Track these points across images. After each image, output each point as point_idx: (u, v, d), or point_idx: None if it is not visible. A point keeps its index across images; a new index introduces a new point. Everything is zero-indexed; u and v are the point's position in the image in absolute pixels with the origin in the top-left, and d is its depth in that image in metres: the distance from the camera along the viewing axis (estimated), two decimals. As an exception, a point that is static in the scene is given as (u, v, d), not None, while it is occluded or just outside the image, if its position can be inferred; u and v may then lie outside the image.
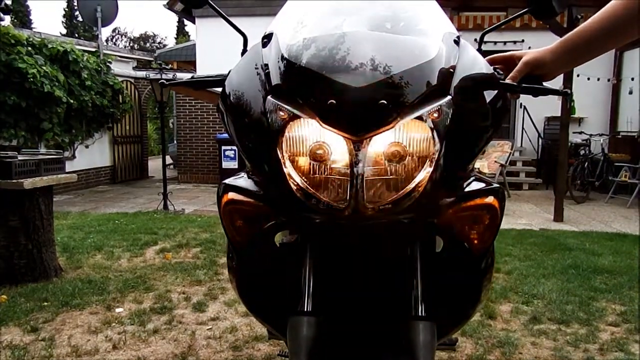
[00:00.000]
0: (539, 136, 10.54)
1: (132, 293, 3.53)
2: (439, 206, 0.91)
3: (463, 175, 0.93)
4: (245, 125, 0.93)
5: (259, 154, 0.90)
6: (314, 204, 0.86)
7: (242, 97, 0.96)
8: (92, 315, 3.12)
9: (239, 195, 0.98)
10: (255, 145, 0.91)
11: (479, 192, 0.94)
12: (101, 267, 4.12)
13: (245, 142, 0.93)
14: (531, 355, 2.65)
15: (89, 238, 5.08)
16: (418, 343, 0.93)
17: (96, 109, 8.76)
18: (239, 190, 0.99)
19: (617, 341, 2.84)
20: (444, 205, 0.91)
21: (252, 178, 0.99)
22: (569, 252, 4.85)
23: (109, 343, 2.72)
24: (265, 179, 0.91)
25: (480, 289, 1.00)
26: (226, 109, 0.98)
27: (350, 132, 0.83)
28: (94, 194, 8.69)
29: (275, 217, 0.96)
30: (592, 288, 3.74)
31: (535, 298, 3.54)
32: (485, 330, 2.95)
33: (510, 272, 4.15)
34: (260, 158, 0.90)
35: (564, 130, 6.73)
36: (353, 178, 0.83)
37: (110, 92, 9.13)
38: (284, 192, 0.88)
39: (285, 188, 0.87)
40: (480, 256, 0.96)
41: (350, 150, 0.84)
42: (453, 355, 2.61)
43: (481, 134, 0.94)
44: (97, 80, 8.76)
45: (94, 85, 8.57)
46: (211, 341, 2.80)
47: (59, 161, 3.69)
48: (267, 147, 0.88)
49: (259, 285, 1.10)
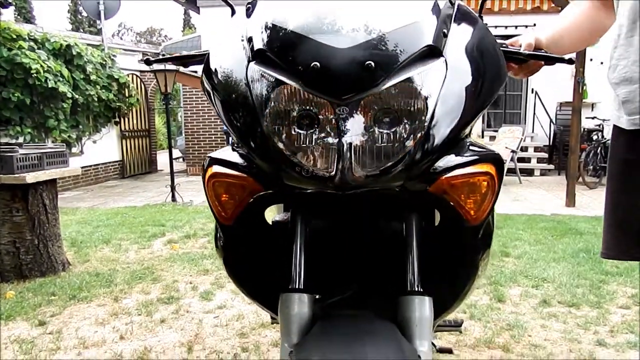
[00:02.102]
0: (551, 122, 10.42)
1: (140, 284, 3.53)
2: (432, 174, 0.87)
3: (457, 142, 0.89)
4: (229, 98, 0.90)
5: (244, 125, 0.87)
6: (301, 173, 0.82)
7: (225, 69, 0.92)
8: (100, 307, 3.12)
9: (223, 168, 0.95)
10: (241, 117, 0.88)
11: (475, 160, 0.90)
12: (109, 260, 4.13)
13: (231, 116, 0.90)
14: (540, 338, 2.61)
15: (97, 232, 5.10)
16: (414, 318, 0.90)
17: (102, 103, 8.73)
18: (223, 164, 0.96)
19: (628, 323, 2.80)
20: (437, 172, 0.87)
21: (237, 151, 0.96)
22: (580, 236, 4.79)
23: (116, 334, 2.72)
24: (250, 151, 0.88)
25: (477, 261, 0.97)
26: (210, 83, 0.95)
27: (335, 95, 0.80)
28: (103, 190, 8.72)
29: (262, 190, 0.93)
30: (603, 271, 3.69)
31: (546, 281, 3.50)
32: (494, 314, 2.92)
33: (520, 257, 4.11)
34: (246, 130, 0.87)
35: (575, 115, 6.63)
36: (340, 145, 0.80)
37: (116, 86, 9.10)
38: (270, 163, 0.85)
39: (271, 159, 0.85)
40: (477, 227, 0.92)
41: (337, 116, 0.81)
42: (461, 339, 2.58)
43: (476, 100, 0.90)
44: (102, 75, 8.72)
45: (99, 80, 8.54)
46: (218, 329, 2.79)
47: (62, 154, 3.68)
48: (252, 117, 0.85)
49: (249, 262, 1.07)
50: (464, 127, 0.88)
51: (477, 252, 0.97)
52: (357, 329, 0.88)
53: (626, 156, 1.32)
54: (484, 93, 0.92)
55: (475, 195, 0.90)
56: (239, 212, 0.97)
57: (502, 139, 9.18)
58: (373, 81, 0.80)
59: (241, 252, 1.06)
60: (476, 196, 0.90)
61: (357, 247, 1.08)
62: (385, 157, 0.81)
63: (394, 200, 0.96)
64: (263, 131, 0.83)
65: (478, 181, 0.89)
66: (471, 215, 0.91)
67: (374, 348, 0.80)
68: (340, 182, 0.81)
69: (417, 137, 0.81)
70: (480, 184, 0.89)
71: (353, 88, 0.80)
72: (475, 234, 0.94)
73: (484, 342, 2.55)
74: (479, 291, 3.32)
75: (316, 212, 1.01)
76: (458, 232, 0.94)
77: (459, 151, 0.90)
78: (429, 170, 0.86)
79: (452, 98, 0.85)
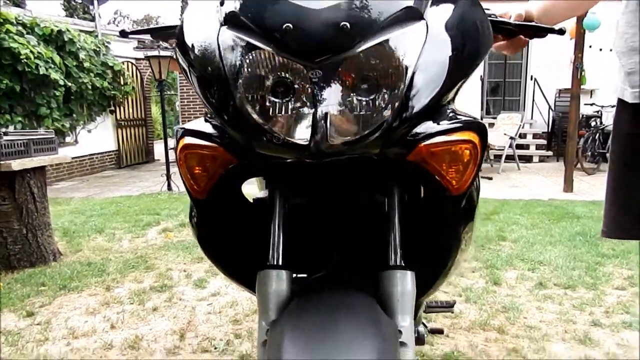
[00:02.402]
0: (550, 109, 10.38)
1: (133, 273, 3.50)
2: (410, 141, 0.83)
3: (438, 109, 0.85)
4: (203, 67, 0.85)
5: (218, 95, 0.83)
6: (273, 141, 0.78)
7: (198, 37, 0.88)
8: (91, 297, 3.09)
9: (195, 139, 0.91)
10: (214, 86, 0.83)
11: (456, 127, 0.85)
12: (102, 250, 4.09)
13: (204, 86, 0.86)
14: (536, 320, 2.58)
15: (90, 221, 5.06)
16: (396, 293, 0.86)
17: (96, 91, 8.57)
18: (196, 134, 0.91)
19: (624, 304, 2.78)
20: (415, 139, 0.83)
21: (210, 122, 0.92)
22: (577, 220, 4.77)
23: (107, 323, 2.69)
24: (224, 122, 0.84)
25: (459, 233, 0.93)
26: (182, 54, 0.90)
27: (308, 58, 0.76)
28: (99, 180, 8.68)
29: (235, 162, 0.89)
30: (599, 254, 3.67)
31: (542, 264, 3.48)
32: (489, 297, 2.90)
33: (516, 240, 4.09)
34: (219, 100, 0.83)
35: (574, 101, 6.62)
36: (316, 114, 0.76)
37: (110, 73, 8.93)
38: (242, 132, 0.81)
39: (243, 128, 0.80)
40: (459, 197, 0.88)
41: (312, 83, 0.77)
42: (456, 321, 2.56)
43: (458, 67, 0.85)
44: (96, 62, 8.56)
45: (92, 67, 8.38)
46: (211, 316, 2.76)
47: (51, 141, 3.61)
48: (225, 86, 0.81)
49: (224, 238, 1.03)
50: (445, 93, 0.84)
51: (460, 223, 0.92)
52: (334, 305, 0.84)
53: (630, 131, 1.27)
54: (467, 60, 0.88)
55: (457, 164, 0.85)
56: (212, 185, 0.92)
57: (500, 126, 9.15)
58: (348, 43, 0.76)
59: (215, 228, 1.02)
60: (458, 165, 0.85)
61: (338, 222, 1.04)
62: (362, 125, 0.77)
63: (375, 173, 0.92)
64: (236, 101, 0.79)
65: (460, 149, 0.85)
66: (453, 185, 0.86)
67: (349, 324, 0.77)
68: (316, 150, 0.77)
69: (396, 104, 0.77)
70: (462, 153, 0.85)
71: (327, 50, 0.76)
72: (457, 205, 0.90)
73: (479, 325, 2.52)
74: (474, 275, 3.29)
75: (295, 187, 0.98)
76: (439, 203, 0.90)
77: (440, 118, 0.85)
78: (407, 136, 0.82)
79: (432, 63, 0.81)
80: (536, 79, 10.36)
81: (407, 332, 0.85)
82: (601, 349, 2.26)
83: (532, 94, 10.66)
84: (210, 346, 2.40)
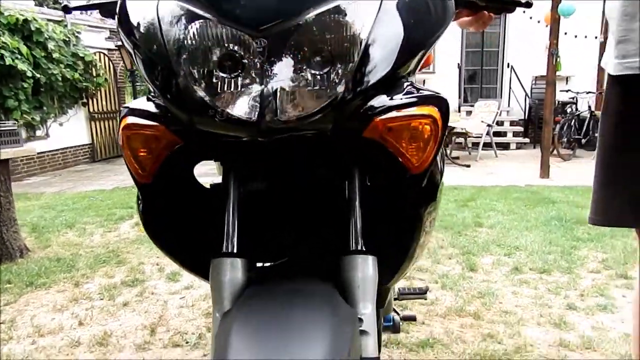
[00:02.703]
0: (526, 96, 10.44)
1: (103, 268, 3.41)
2: (365, 115, 0.77)
3: (394, 82, 0.80)
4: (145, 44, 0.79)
5: (162, 74, 0.76)
6: (220, 119, 0.73)
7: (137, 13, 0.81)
8: (59, 293, 3.00)
9: (139, 119, 0.84)
10: (158, 65, 0.77)
11: (414, 102, 0.80)
12: (71, 245, 3.99)
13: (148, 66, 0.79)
14: (511, 305, 2.57)
15: (60, 216, 4.93)
16: (356, 279, 0.81)
17: (67, 83, 8.31)
18: (138, 113, 0.85)
19: (598, 287, 2.78)
20: (371, 114, 0.77)
21: (154, 101, 0.85)
22: (552, 205, 4.79)
23: (75, 320, 2.61)
24: (166, 99, 0.77)
25: (421, 214, 0.87)
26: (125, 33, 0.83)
27: (251, 26, 0.70)
28: (72, 174, 8.49)
29: (179, 142, 0.83)
30: (574, 238, 3.69)
31: (518, 249, 3.48)
32: (465, 283, 2.88)
33: (493, 226, 4.09)
34: (163, 78, 0.76)
35: (550, 87, 6.67)
36: (266, 87, 0.71)
37: (81, 64, 8.65)
38: (185, 110, 0.75)
39: (187, 106, 0.74)
40: (420, 176, 0.83)
41: (261, 55, 0.71)
42: (432, 308, 2.53)
43: (415, 37, 0.80)
44: (66, 53, 8.29)
45: (62, 58, 8.12)
46: (183, 310, 2.69)
47: (14, 133, 3.48)
48: (168, 62, 0.75)
49: (173, 225, 0.97)
50: (401, 66, 0.79)
51: (421, 204, 0.87)
52: (289, 293, 0.79)
53: (620, 109, 1.21)
54: (423, 31, 0.82)
55: (417, 141, 0.80)
56: (158, 168, 0.86)
57: (478, 114, 9.17)
58: (294, 9, 0.70)
59: (164, 215, 0.95)
60: (418, 142, 0.80)
61: (298, 207, 0.98)
62: (315, 101, 0.72)
63: (334, 154, 0.86)
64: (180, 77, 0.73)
65: (419, 125, 0.79)
66: (413, 164, 0.81)
67: (303, 313, 0.71)
68: (265, 127, 0.72)
69: (350, 77, 0.72)
70: (422, 128, 0.80)
71: (272, 17, 0.70)
72: (418, 184, 0.84)
73: (454, 311, 2.50)
74: (450, 261, 3.27)
75: (251, 169, 0.92)
76: (399, 183, 0.85)
77: (397, 92, 0.80)
78: (362, 110, 0.77)
79: (386, 33, 0.76)
80: (513, 67, 10.40)
81: (368, 319, 0.80)
82: (576, 332, 2.25)
83: (508, 82, 10.71)
84: (181, 340, 2.33)
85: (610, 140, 1.24)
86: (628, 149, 1.20)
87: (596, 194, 1.30)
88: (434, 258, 3.32)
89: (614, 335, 2.21)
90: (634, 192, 1.21)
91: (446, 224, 4.15)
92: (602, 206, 1.28)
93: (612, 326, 2.31)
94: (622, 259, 3.19)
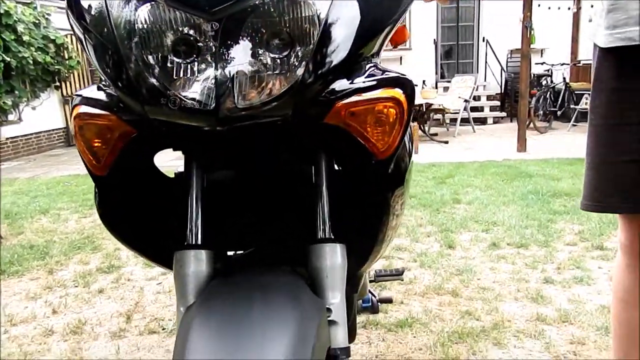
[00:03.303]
0: (502, 69, 10.46)
1: (78, 255, 3.35)
2: (326, 100, 0.74)
3: (355, 64, 0.76)
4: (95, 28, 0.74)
5: (113, 60, 0.72)
6: (172, 108, 0.69)
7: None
8: (32, 281, 2.94)
9: (92, 108, 0.80)
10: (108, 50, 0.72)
11: (377, 84, 0.77)
12: (45, 231, 3.91)
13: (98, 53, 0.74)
14: (489, 281, 2.58)
15: (34, 202, 4.84)
16: (325, 268, 0.79)
17: (39, 66, 8.07)
18: (93, 103, 0.80)
19: (574, 259, 2.81)
20: (332, 98, 0.74)
21: (104, 90, 0.81)
22: (529, 179, 4.83)
23: (49, 308, 2.55)
24: (117, 87, 0.73)
25: (388, 200, 0.85)
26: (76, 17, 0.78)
27: (203, 9, 0.66)
28: (47, 159, 8.34)
29: (134, 132, 0.79)
30: (551, 211, 3.72)
31: (495, 225, 3.49)
32: (444, 260, 2.89)
33: (471, 202, 4.11)
34: (114, 65, 0.72)
35: (524, 60, 6.69)
36: (223, 73, 0.68)
37: (53, 47, 8.43)
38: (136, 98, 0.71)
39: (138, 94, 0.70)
40: (386, 161, 0.80)
41: (217, 38, 0.68)
42: (410, 287, 2.53)
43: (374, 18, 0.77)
44: (37, 35, 8.04)
45: (33, 41, 7.87)
46: (160, 296, 2.66)
47: (-20, 119, 3.38)
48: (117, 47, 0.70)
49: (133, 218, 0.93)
50: (362, 47, 0.75)
51: (388, 189, 0.84)
52: (254, 285, 0.76)
53: (613, 85, 1.14)
54: (385, 8, 0.79)
55: (382, 126, 0.77)
56: (114, 160, 0.82)
57: (455, 89, 9.16)
58: None
59: (121, 206, 0.91)
60: (383, 126, 0.77)
61: (265, 195, 0.95)
62: (274, 85, 0.69)
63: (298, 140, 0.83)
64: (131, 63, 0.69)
65: (383, 108, 0.76)
66: (378, 149, 0.78)
67: (267, 304, 0.69)
68: (223, 116, 0.69)
69: (309, 60, 0.69)
70: (387, 112, 0.77)
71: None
72: (385, 170, 0.81)
73: (433, 289, 2.50)
74: (429, 239, 3.28)
75: (214, 158, 0.88)
76: (365, 169, 0.82)
77: (359, 75, 0.77)
78: (323, 95, 0.73)
79: (346, 11, 0.73)
80: (488, 41, 10.40)
81: (337, 309, 0.78)
82: (553, 306, 2.27)
83: (484, 56, 10.71)
84: (158, 327, 2.30)
85: (601, 118, 1.18)
86: (619, 129, 1.14)
87: (587, 176, 1.24)
88: (413, 237, 3.32)
89: (590, 307, 2.24)
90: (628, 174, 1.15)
91: (425, 201, 4.16)
92: (593, 190, 1.22)
93: (589, 298, 2.33)
94: (598, 230, 3.23)
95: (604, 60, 1.17)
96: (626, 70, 1.12)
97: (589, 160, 1.24)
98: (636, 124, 1.12)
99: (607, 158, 1.19)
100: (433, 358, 1.89)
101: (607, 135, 1.18)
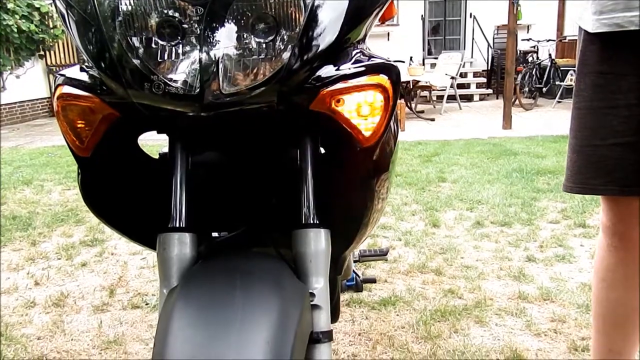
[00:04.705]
0: (489, 46, 10.43)
1: (62, 227, 3.32)
2: (311, 87, 0.73)
3: (341, 50, 0.75)
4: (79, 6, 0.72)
5: (95, 40, 0.70)
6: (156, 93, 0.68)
7: None
8: (15, 252, 2.92)
9: (75, 89, 0.78)
10: (91, 30, 0.71)
11: (363, 70, 0.76)
12: (29, 202, 3.87)
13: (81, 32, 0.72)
14: (472, 259, 2.61)
15: (17, 173, 4.78)
16: (309, 253, 0.79)
17: (23, 35, 7.95)
18: (76, 84, 0.78)
19: (557, 237, 2.85)
20: (317, 86, 0.73)
21: (87, 71, 0.79)
22: (514, 157, 4.86)
23: (31, 280, 2.54)
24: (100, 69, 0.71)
25: (373, 186, 0.84)
26: None
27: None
28: (30, 128, 8.22)
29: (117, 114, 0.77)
30: (534, 189, 3.76)
31: (480, 203, 3.52)
32: (428, 239, 2.91)
33: (456, 181, 4.13)
34: (97, 46, 0.70)
35: (511, 37, 6.66)
36: (208, 57, 0.67)
37: (37, 15, 8.31)
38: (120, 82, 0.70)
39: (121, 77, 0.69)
40: (371, 148, 0.79)
41: (201, 21, 0.67)
42: (395, 266, 2.55)
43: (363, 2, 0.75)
44: (21, 3, 7.90)
45: (17, 9, 7.74)
46: (144, 271, 2.65)
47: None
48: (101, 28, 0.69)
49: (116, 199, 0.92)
50: (350, 30, 0.74)
51: (373, 175, 0.84)
52: (237, 269, 0.75)
53: (599, 68, 1.14)
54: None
55: (367, 112, 0.76)
56: (97, 142, 0.80)
57: (442, 66, 9.12)
58: None
59: (104, 188, 0.90)
60: (368, 113, 0.76)
61: (249, 179, 0.94)
62: (260, 70, 0.68)
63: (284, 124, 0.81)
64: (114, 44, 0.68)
65: (369, 95, 0.76)
66: (363, 136, 0.78)
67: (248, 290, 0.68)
68: (208, 102, 0.69)
69: (295, 45, 0.68)
70: (372, 99, 0.76)
71: None
72: (370, 157, 0.81)
73: (417, 268, 2.52)
74: (414, 218, 3.30)
75: (199, 139, 0.86)
76: (350, 155, 0.81)
77: (345, 61, 0.76)
78: (308, 82, 0.72)
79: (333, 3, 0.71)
80: (475, 17, 10.34)
81: (320, 294, 0.78)
82: (535, 284, 2.30)
83: (471, 32, 10.66)
84: (141, 302, 2.30)
85: (586, 101, 1.19)
86: (602, 113, 1.15)
87: (570, 158, 1.25)
88: (398, 215, 3.33)
89: (571, 285, 2.27)
90: (612, 156, 1.16)
91: (410, 180, 4.17)
92: (575, 171, 1.23)
93: (570, 276, 2.36)
94: (581, 208, 3.27)
95: (589, 44, 1.17)
96: (612, 54, 1.13)
97: (572, 143, 1.25)
98: (622, 107, 1.13)
99: (591, 141, 1.19)
100: (415, 336, 1.92)
101: (592, 119, 1.18)
